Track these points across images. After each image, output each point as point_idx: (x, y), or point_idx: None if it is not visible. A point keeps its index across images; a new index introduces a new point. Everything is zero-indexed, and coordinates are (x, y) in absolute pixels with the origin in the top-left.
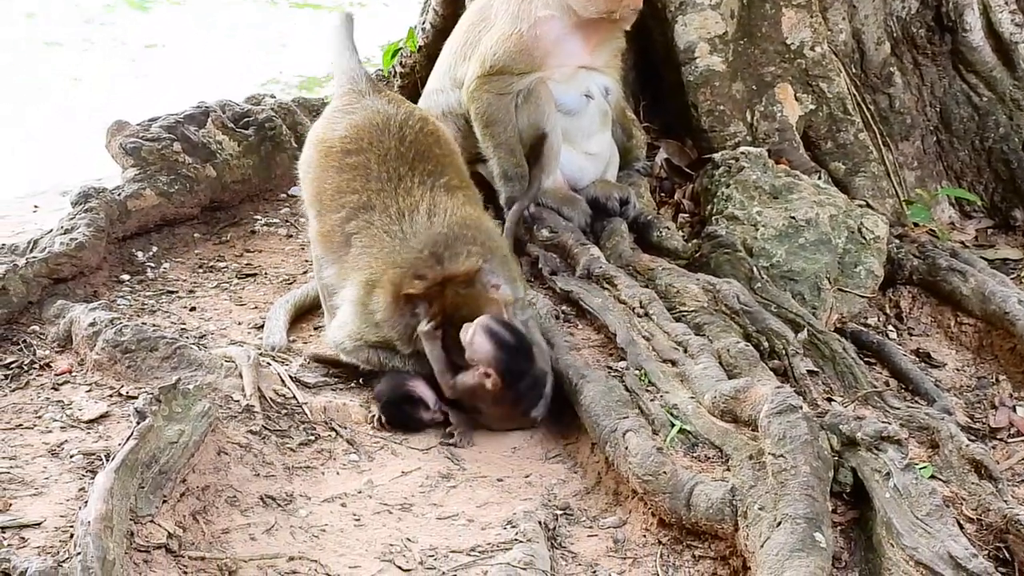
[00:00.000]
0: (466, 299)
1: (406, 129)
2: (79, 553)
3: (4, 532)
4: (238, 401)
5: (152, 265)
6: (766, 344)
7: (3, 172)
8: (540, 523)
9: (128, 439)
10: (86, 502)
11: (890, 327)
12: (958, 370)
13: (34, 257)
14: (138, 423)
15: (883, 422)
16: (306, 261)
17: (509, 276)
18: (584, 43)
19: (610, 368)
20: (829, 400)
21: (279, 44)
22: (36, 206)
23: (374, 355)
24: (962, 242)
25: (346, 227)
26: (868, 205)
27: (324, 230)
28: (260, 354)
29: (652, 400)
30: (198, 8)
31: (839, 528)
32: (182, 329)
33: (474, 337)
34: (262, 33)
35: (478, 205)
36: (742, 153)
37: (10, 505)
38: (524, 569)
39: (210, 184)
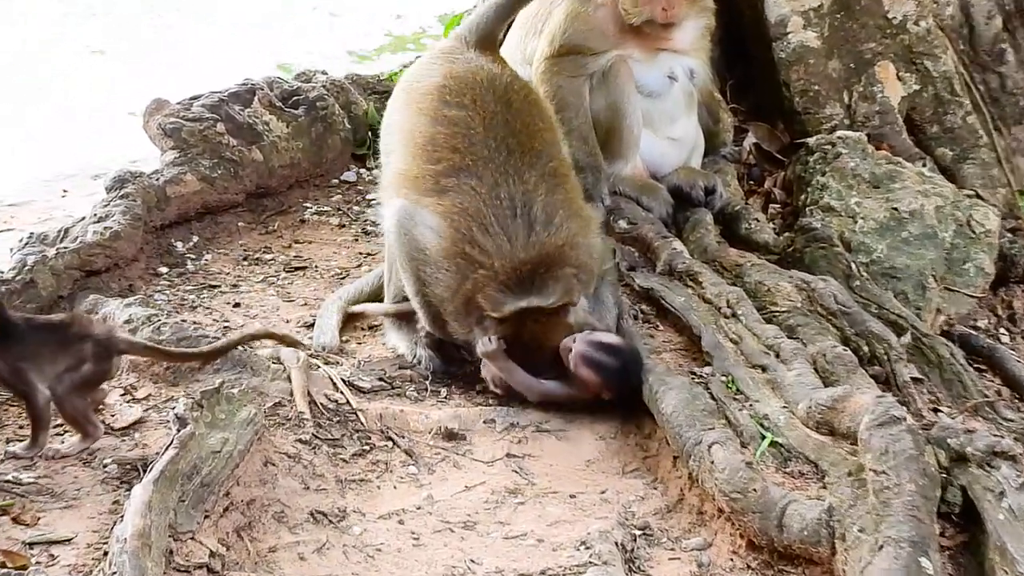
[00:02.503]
0: (542, 327)
1: (511, 94)
2: (114, 572)
3: (32, 548)
4: (286, 407)
5: (193, 257)
6: (866, 348)
7: (29, 153)
8: (617, 544)
9: (167, 448)
10: (122, 516)
11: (1002, 330)
12: None
13: (65, 247)
14: (178, 430)
15: (995, 435)
16: (360, 253)
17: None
18: (657, 26)
19: (694, 374)
20: (936, 411)
21: (328, 14)
22: (65, 190)
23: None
24: None
25: (442, 180)
26: (978, 195)
27: (412, 174)
28: (310, 355)
29: (740, 410)
30: None
31: (947, 553)
32: (225, 327)
33: (579, 369)
34: (309, 3)
35: (580, 195)
36: (839, 138)
37: (38, 519)
38: None
39: (256, 168)
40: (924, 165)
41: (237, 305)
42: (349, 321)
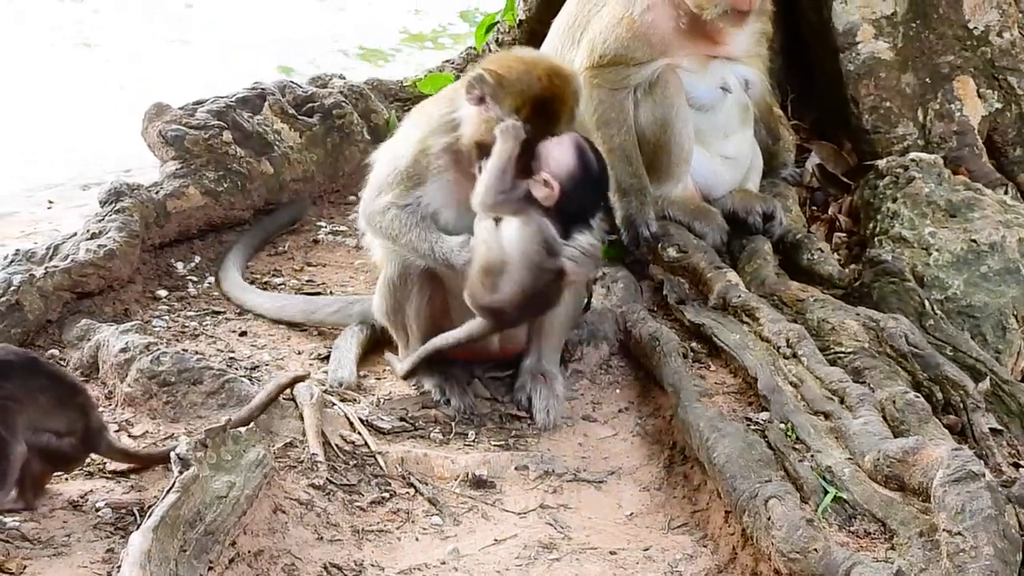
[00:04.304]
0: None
1: None
2: None
3: None
4: (298, 449)
5: (195, 279)
6: (940, 395)
7: (9, 159)
8: None
9: (168, 492)
10: (117, 567)
11: None
12: None
13: (55, 266)
14: (180, 473)
15: None
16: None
17: None
18: (713, 28)
19: (749, 420)
20: (1016, 466)
21: (336, 7)
22: (51, 202)
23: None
24: None
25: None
26: None
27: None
28: (325, 391)
29: (801, 460)
30: None
31: None
32: (231, 358)
33: (557, 147)
34: None
35: None
36: (912, 160)
37: (24, 567)
38: None
39: (266, 182)
40: (1006, 192)
41: (244, 334)
42: (369, 355)
